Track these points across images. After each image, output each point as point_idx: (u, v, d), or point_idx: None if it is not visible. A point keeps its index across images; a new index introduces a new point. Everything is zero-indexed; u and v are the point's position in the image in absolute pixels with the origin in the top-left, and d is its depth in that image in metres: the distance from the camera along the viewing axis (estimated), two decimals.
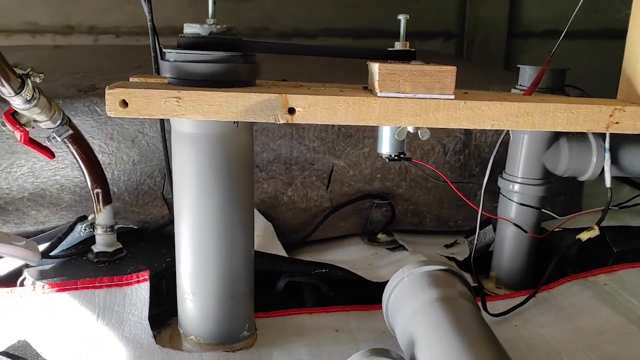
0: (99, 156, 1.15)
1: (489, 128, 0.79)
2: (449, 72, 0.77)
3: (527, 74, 1.06)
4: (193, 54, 0.78)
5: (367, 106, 0.77)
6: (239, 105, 0.76)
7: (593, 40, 3.14)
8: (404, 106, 0.77)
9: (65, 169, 1.14)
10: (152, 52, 1.07)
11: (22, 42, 2.89)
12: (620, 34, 0.99)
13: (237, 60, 0.80)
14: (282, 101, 0.77)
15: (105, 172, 1.15)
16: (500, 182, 1.13)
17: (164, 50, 0.81)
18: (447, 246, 1.30)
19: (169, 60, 0.80)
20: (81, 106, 1.13)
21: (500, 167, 1.23)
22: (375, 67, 0.78)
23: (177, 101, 0.75)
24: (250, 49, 0.81)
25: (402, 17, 0.85)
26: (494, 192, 1.29)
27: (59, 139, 0.86)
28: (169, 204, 1.21)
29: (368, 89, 0.84)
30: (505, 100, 0.78)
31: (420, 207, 1.30)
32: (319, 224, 1.26)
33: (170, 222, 1.20)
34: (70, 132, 0.87)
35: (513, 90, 1.09)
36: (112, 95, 0.75)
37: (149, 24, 1.06)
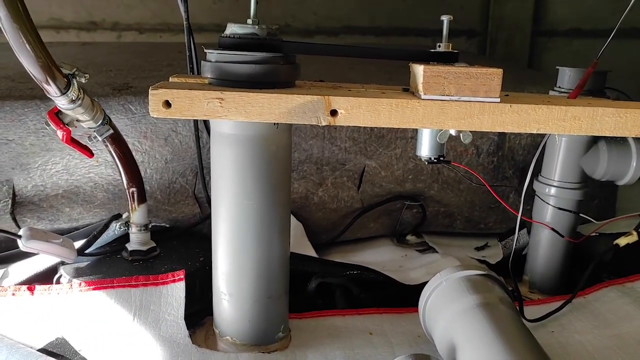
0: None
1: (534, 132, 0.78)
2: (495, 75, 0.76)
3: (566, 75, 1.05)
4: (235, 54, 0.78)
5: (411, 109, 0.76)
6: (282, 107, 0.76)
7: (621, 40, 3.09)
8: (448, 109, 0.76)
9: (99, 167, 1.14)
10: (187, 51, 1.07)
11: (46, 38, 2.91)
12: None
13: (279, 61, 0.79)
14: (325, 103, 0.76)
15: None
16: (536, 185, 1.12)
17: (205, 50, 0.81)
18: (477, 249, 1.29)
19: (210, 61, 0.79)
20: (115, 105, 1.13)
21: (534, 169, 1.22)
22: (419, 69, 0.77)
23: (220, 102, 0.75)
24: (292, 50, 0.80)
25: (445, 18, 0.84)
26: (527, 194, 1.27)
27: (100, 139, 0.86)
28: (200, 203, 1.21)
29: (410, 91, 0.83)
30: (551, 104, 0.77)
31: (452, 209, 1.29)
32: (349, 224, 1.26)
33: (202, 220, 1.20)
34: (111, 131, 0.87)
35: (551, 92, 1.07)
36: (156, 96, 0.74)
37: (185, 23, 1.06)
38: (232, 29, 0.79)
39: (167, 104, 0.75)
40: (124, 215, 1.06)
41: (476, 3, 3.12)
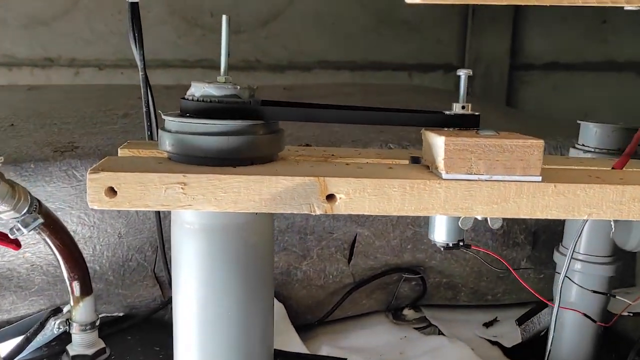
0: (78, 229, 0.97)
1: (584, 218, 0.62)
2: (534, 148, 0.60)
3: (592, 132, 0.90)
4: (202, 123, 0.60)
5: (430, 192, 0.59)
6: (263, 193, 0.58)
7: (599, 73, 3.03)
8: (477, 192, 0.60)
9: (36, 245, 0.95)
10: (144, 106, 0.90)
11: None
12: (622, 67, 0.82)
13: (259, 131, 0.62)
14: (320, 186, 0.59)
15: (86, 248, 0.97)
16: (557, 258, 0.96)
17: (163, 116, 0.63)
18: (486, 325, 1.12)
19: (169, 131, 0.62)
20: (57, 170, 0.94)
21: (546, 233, 1.07)
22: (439, 140, 0.60)
23: (182, 188, 0.57)
24: (277, 116, 0.63)
25: (462, 73, 0.68)
26: (539, 261, 1.12)
27: (25, 231, 0.67)
28: (161, 283, 1.01)
29: (423, 164, 0.66)
30: (603, 182, 0.61)
31: (455, 280, 1.12)
32: (338, 303, 1.08)
33: (163, 305, 1.01)
34: (40, 221, 0.68)
35: (573, 151, 0.93)
36: (96, 182, 0.57)
37: (140, 73, 0.89)
38: (205, 89, 0.61)
39: (112, 192, 0.58)
40: (65, 310, 0.86)
41: (453, 37, 3.02)
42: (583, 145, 0.92)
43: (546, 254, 1.10)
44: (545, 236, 1.11)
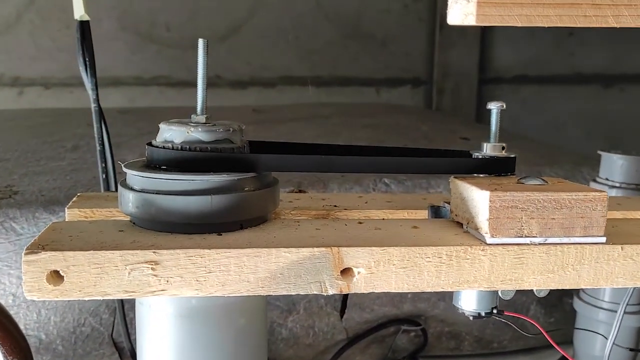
0: (19, 292, 0.81)
1: None
2: (597, 202, 0.48)
3: (616, 165, 0.80)
4: (178, 180, 0.46)
5: (472, 261, 0.47)
6: (260, 271, 0.45)
7: (566, 86, 3.00)
8: (529, 258, 0.48)
9: None
10: (97, 144, 0.75)
11: None
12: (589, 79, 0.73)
13: (250, 185, 0.48)
14: (333, 259, 0.46)
15: (29, 314, 0.81)
16: (578, 305, 0.85)
17: (124, 168, 0.49)
18: None
19: (132, 189, 0.47)
20: None
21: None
22: (480, 195, 0.48)
23: (153, 269, 0.43)
24: (275, 166, 0.50)
25: (494, 107, 0.56)
26: (550, 304, 1.02)
27: None
28: (120, 350, 0.86)
29: (454, 221, 0.54)
30: None
31: (458, 328, 1.00)
32: None
33: None
34: None
35: (596, 186, 0.82)
36: (36, 265, 0.42)
37: (92, 105, 0.74)
38: (190, 134, 0.47)
39: (57, 277, 0.43)
40: None
41: (421, 50, 2.94)
42: (607, 179, 0.81)
43: (556, 296, 0.99)
44: None
